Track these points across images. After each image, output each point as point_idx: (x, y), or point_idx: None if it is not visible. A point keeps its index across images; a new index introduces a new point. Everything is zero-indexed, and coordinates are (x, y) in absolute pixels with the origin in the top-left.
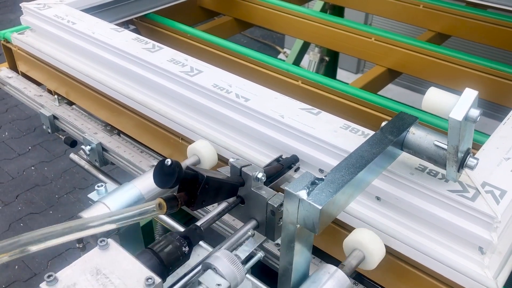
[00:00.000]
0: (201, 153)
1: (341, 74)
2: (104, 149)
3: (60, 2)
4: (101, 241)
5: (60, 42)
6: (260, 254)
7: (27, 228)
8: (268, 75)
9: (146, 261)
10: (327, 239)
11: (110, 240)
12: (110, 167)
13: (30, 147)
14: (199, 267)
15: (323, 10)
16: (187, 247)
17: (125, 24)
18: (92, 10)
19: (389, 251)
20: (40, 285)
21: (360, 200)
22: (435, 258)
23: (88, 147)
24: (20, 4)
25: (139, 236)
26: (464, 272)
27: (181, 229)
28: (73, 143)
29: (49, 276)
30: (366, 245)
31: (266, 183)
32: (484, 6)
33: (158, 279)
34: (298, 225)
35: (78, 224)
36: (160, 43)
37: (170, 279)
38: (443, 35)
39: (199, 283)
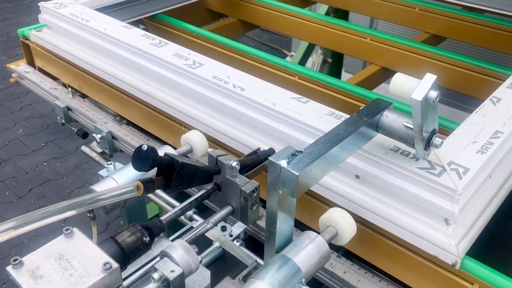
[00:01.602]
0: (193, 142)
1: (346, 76)
2: (113, 137)
3: (75, 1)
4: (66, 229)
5: (74, 39)
6: (216, 245)
7: None
8: (267, 71)
9: (107, 249)
10: (312, 214)
11: (75, 229)
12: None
13: (43, 144)
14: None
15: (327, 13)
16: (148, 237)
17: (135, 24)
18: (105, 10)
19: (366, 224)
20: (7, 268)
21: (342, 179)
22: (407, 229)
23: (99, 136)
24: (39, 3)
25: (144, 212)
26: (432, 240)
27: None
28: (84, 135)
29: (15, 260)
30: (339, 222)
31: (242, 173)
32: (480, 10)
33: (115, 264)
34: (280, 191)
35: (74, 202)
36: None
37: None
38: (438, 36)
39: (155, 269)
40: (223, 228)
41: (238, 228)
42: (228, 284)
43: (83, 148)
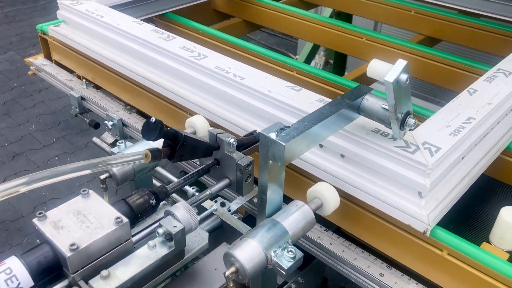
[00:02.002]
0: (196, 126)
1: None
2: (124, 124)
3: None
4: (83, 191)
5: (89, 33)
6: (213, 207)
7: None
8: (267, 66)
9: (119, 208)
10: (302, 190)
11: (91, 191)
12: None
13: (54, 140)
14: None
15: (331, 17)
16: (154, 200)
17: (145, 22)
18: (118, 7)
19: (349, 199)
20: (33, 220)
21: (328, 158)
22: (385, 202)
23: (111, 123)
24: (57, 0)
25: (151, 186)
26: (406, 211)
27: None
28: (96, 125)
29: (40, 213)
30: (324, 195)
31: (238, 150)
32: (477, 14)
33: (125, 219)
34: (270, 161)
35: (88, 163)
36: None
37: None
38: (433, 38)
39: (160, 225)
40: (222, 204)
41: (235, 204)
42: (224, 248)
43: (94, 139)
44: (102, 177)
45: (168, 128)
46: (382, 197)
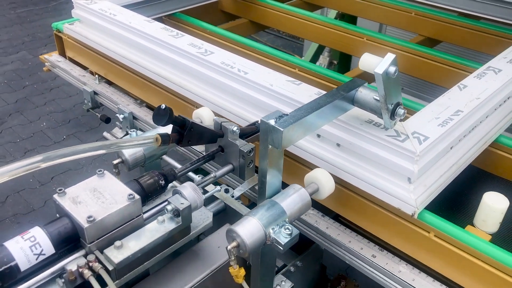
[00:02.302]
0: (203, 117)
1: None
2: (134, 117)
3: None
4: (99, 171)
5: (103, 31)
6: (218, 188)
7: None
8: (271, 64)
9: (131, 187)
10: (300, 178)
11: (106, 171)
12: None
13: (64, 137)
14: None
15: (335, 19)
16: (163, 181)
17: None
18: (129, 7)
19: (345, 185)
20: (54, 195)
21: (325, 147)
22: (377, 187)
23: (122, 116)
24: (72, 0)
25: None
26: (396, 196)
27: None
28: (107, 120)
29: (60, 190)
30: (320, 180)
31: (241, 139)
32: (477, 17)
33: (137, 196)
34: (270, 146)
35: (103, 144)
36: None
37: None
38: (432, 39)
39: (169, 202)
40: (226, 191)
41: (238, 191)
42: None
43: (105, 134)
44: (115, 162)
45: (177, 116)
46: (374, 182)
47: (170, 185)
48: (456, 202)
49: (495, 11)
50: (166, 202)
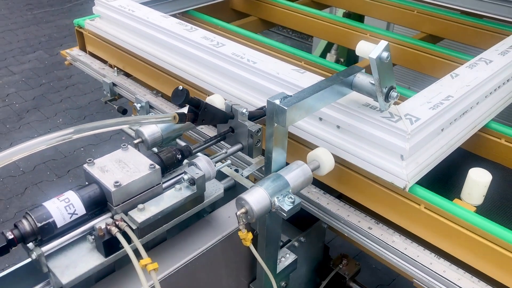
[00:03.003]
0: (215, 103)
1: None
2: (151, 106)
3: None
4: (123, 145)
5: (122, 26)
6: (228, 161)
7: None
8: (278, 57)
9: (152, 159)
10: (304, 158)
11: (129, 146)
12: None
13: None
14: None
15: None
16: (180, 156)
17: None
18: (147, 4)
19: (344, 164)
20: (84, 165)
21: (326, 129)
22: (374, 164)
23: (139, 105)
24: None
25: None
26: (390, 171)
27: None
28: (124, 111)
29: (89, 160)
30: (321, 157)
31: (250, 121)
32: (479, 15)
33: (157, 166)
34: (275, 124)
35: (124, 120)
36: None
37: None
38: (435, 36)
39: (185, 172)
40: (236, 171)
41: (247, 171)
42: None
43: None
44: (136, 141)
45: (192, 97)
46: (371, 160)
47: (185, 161)
48: (445, 178)
49: (497, 9)
50: (183, 172)
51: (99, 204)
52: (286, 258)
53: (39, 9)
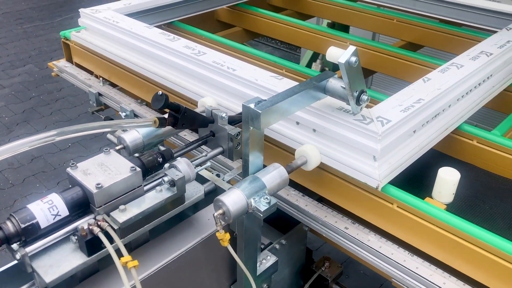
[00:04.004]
0: (206, 104)
1: None
2: (135, 115)
3: (108, 8)
4: (105, 149)
5: (106, 37)
6: (208, 164)
7: None
8: (260, 65)
9: (134, 162)
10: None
11: (111, 150)
12: None
13: (70, 144)
14: None
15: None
16: (161, 159)
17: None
18: (131, 15)
19: (320, 166)
20: (67, 169)
21: (303, 133)
22: (348, 165)
23: (124, 114)
24: (79, 10)
25: None
26: (363, 172)
27: None
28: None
29: (72, 163)
30: (309, 153)
31: (230, 125)
32: (458, 24)
33: (138, 169)
34: (251, 127)
35: (105, 123)
36: None
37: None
38: (414, 44)
39: (165, 174)
40: (218, 175)
41: (228, 176)
42: None
43: (108, 136)
44: (117, 148)
45: (172, 102)
46: (345, 161)
47: (166, 164)
48: (419, 178)
49: (474, 18)
50: (164, 175)
51: (82, 205)
52: (267, 260)
53: (29, 24)
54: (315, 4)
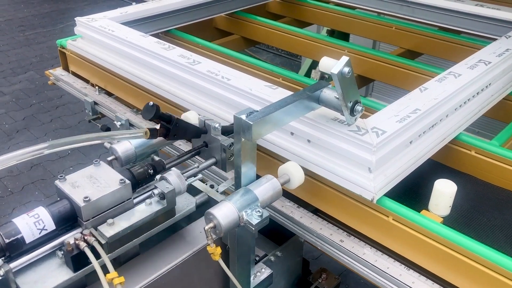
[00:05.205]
0: (189, 119)
1: None
2: (131, 124)
3: (104, 17)
4: (95, 161)
5: (102, 45)
6: (200, 176)
7: None
8: (257, 74)
9: (124, 174)
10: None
11: (101, 161)
12: None
13: (69, 152)
14: None
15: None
16: (152, 171)
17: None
18: (127, 24)
19: (314, 177)
20: (55, 181)
21: (297, 143)
22: (342, 177)
23: (119, 123)
24: (75, 18)
25: None
26: (358, 184)
27: None
28: (107, 129)
29: (61, 176)
30: (291, 170)
31: (223, 135)
32: (457, 31)
33: (128, 181)
34: (243, 139)
35: (96, 135)
36: None
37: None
38: (413, 51)
39: (155, 187)
40: (212, 186)
41: (222, 186)
42: None
43: (106, 144)
44: (109, 159)
45: (164, 112)
46: (340, 173)
47: (158, 175)
48: (415, 191)
49: (473, 25)
50: (154, 187)
51: (69, 219)
52: (261, 273)
53: (31, 31)
54: (314, 12)
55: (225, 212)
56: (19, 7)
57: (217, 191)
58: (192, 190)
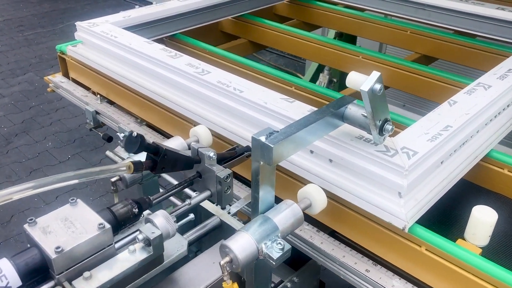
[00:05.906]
0: (199, 134)
1: None
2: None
3: (105, 21)
4: (71, 199)
5: (104, 52)
6: (191, 216)
7: None
8: (268, 82)
9: (103, 216)
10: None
11: (78, 200)
12: None
13: (69, 156)
14: None
15: (334, 38)
16: (137, 209)
17: (156, 42)
18: (130, 29)
19: (337, 200)
20: (24, 225)
21: (318, 163)
22: (369, 201)
23: (122, 135)
24: (75, 23)
25: (157, 189)
26: (387, 210)
27: None
28: (109, 139)
29: (30, 219)
30: (313, 195)
31: (220, 164)
32: (472, 34)
33: (108, 225)
34: (261, 162)
35: (77, 173)
36: None
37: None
38: (428, 57)
39: (140, 232)
40: (223, 208)
41: (235, 207)
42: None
43: (107, 152)
44: (113, 179)
45: (151, 142)
46: (366, 197)
47: (146, 212)
48: (447, 215)
49: (490, 29)
50: (137, 231)
51: (39, 271)
52: None
53: (30, 31)
54: (322, 14)
55: (242, 245)
56: (18, 6)
57: (229, 213)
58: (202, 211)
